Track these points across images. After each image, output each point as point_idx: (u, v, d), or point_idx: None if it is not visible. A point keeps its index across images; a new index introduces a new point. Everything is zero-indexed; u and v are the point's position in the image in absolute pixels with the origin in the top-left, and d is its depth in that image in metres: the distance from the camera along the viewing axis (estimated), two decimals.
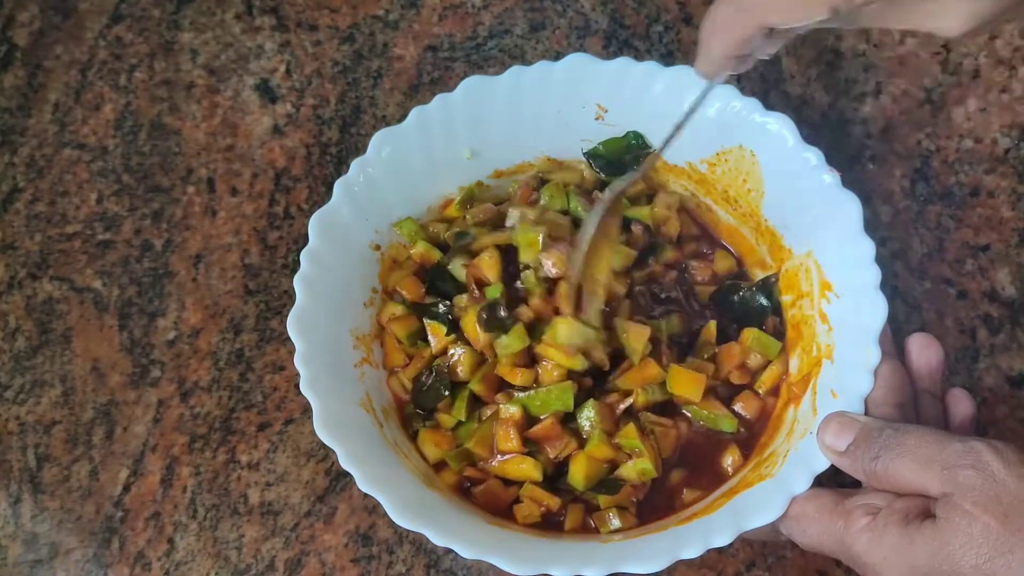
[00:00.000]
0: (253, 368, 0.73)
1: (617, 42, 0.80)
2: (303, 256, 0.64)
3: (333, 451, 0.70)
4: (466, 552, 0.57)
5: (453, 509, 0.62)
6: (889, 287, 0.67)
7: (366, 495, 0.69)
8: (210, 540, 0.68)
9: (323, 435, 0.59)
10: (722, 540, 0.57)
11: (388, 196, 0.69)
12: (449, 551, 0.67)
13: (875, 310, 0.62)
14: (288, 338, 0.73)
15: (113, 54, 0.83)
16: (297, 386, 0.72)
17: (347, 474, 0.69)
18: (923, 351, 0.63)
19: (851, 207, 0.64)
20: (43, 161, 0.80)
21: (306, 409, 0.71)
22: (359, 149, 0.79)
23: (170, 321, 0.74)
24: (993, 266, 0.73)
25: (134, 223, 0.78)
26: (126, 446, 0.71)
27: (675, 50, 0.69)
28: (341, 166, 0.78)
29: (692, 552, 0.57)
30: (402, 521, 0.57)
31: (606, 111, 0.71)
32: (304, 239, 0.76)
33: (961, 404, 0.63)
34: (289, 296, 0.75)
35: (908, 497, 0.55)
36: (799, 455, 0.61)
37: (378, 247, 0.69)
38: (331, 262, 0.65)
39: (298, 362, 0.61)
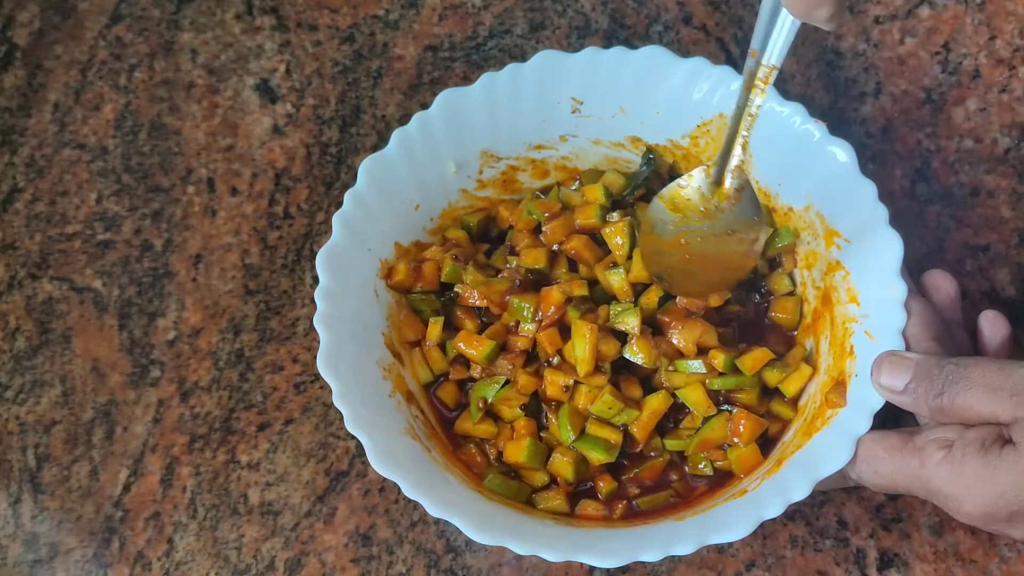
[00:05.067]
0: (253, 368, 0.73)
1: (617, 42, 0.80)
2: (317, 296, 0.64)
3: (335, 453, 0.71)
4: (553, 556, 0.58)
5: (525, 516, 0.63)
6: None
7: (366, 495, 0.69)
8: (210, 540, 0.68)
9: (381, 469, 0.59)
10: (800, 494, 0.58)
11: (384, 223, 0.69)
12: (450, 550, 0.67)
13: (890, 245, 0.63)
14: (288, 337, 0.74)
15: (113, 54, 0.83)
16: (297, 386, 0.72)
17: (347, 474, 0.70)
18: (940, 284, 0.65)
19: (843, 153, 0.65)
20: (43, 161, 0.80)
21: (306, 409, 0.72)
22: (359, 149, 0.79)
23: (170, 321, 0.74)
24: (993, 266, 0.73)
25: (134, 223, 0.78)
26: (126, 446, 0.71)
27: (675, 50, 0.69)
28: (341, 166, 0.78)
29: (774, 511, 0.57)
30: (481, 538, 0.58)
31: (581, 103, 0.71)
32: (303, 239, 0.77)
33: (997, 325, 0.64)
34: (288, 296, 0.75)
35: (979, 427, 0.57)
36: (852, 398, 0.62)
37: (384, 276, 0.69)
38: (345, 297, 0.65)
39: (337, 401, 0.61)
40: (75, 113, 0.81)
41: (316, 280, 0.65)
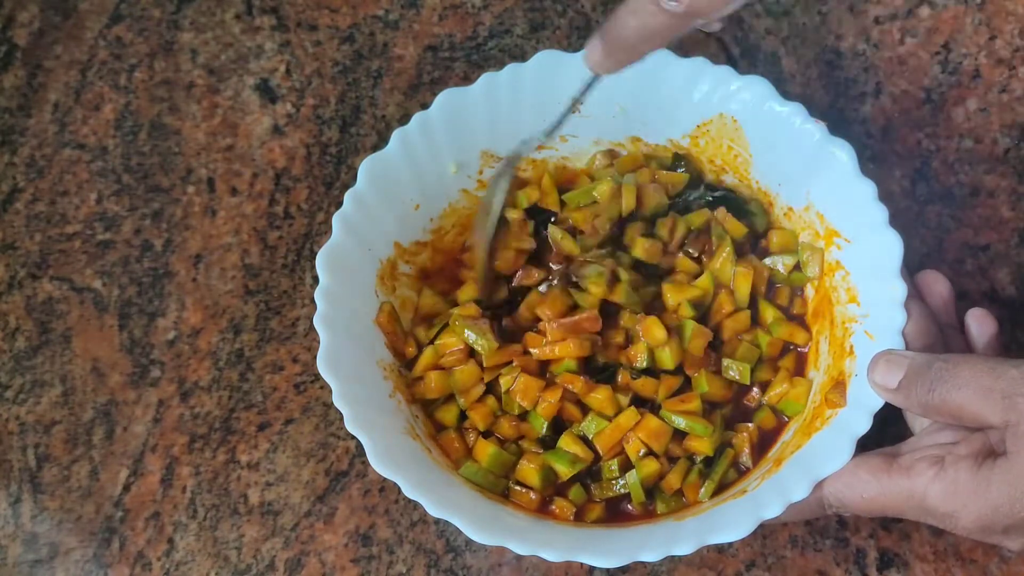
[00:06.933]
0: (253, 368, 0.73)
1: None
2: (317, 296, 0.64)
3: (335, 453, 0.71)
4: (553, 556, 0.58)
5: (524, 518, 0.63)
6: None
7: (366, 495, 0.69)
8: (210, 540, 0.68)
9: (381, 469, 0.59)
10: (800, 494, 0.58)
11: (384, 223, 0.69)
12: (450, 550, 0.67)
13: (890, 246, 0.63)
14: (288, 337, 0.74)
15: (113, 54, 0.83)
16: (297, 386, 0.72)
17: (347, 474, 0.70)
18: (933, 286, 0.64)
19: (843, 153, 0.65)
20: (43, 161, 0.80)
21: (306, 409, 0.72)
22: (359, 149, 0.79)
23: (170, 321, 0.74)
24: (993, 266, 0.73)
25: (134, 223, 0.78)
26: (126, 446, 0.71)
27: (675, 50, 0.69)
28: (341, 166, 0.78)
29: (774, 511, 0.57)
30: (481, 538, 0.58)
31: (581, 103, 0.71)
32: (303, 239, 0.77)
33: (984, 323, 0.63)
34: (288, 296, 0.75)
35: (967, 440, 0.56)
36: (852, 398, 0.62)
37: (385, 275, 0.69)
38: (345, 297, 0.65)
39: (337, 401, 0.61)
40: (75, 113, 0.81)
41: (316, 280, 0.65)
